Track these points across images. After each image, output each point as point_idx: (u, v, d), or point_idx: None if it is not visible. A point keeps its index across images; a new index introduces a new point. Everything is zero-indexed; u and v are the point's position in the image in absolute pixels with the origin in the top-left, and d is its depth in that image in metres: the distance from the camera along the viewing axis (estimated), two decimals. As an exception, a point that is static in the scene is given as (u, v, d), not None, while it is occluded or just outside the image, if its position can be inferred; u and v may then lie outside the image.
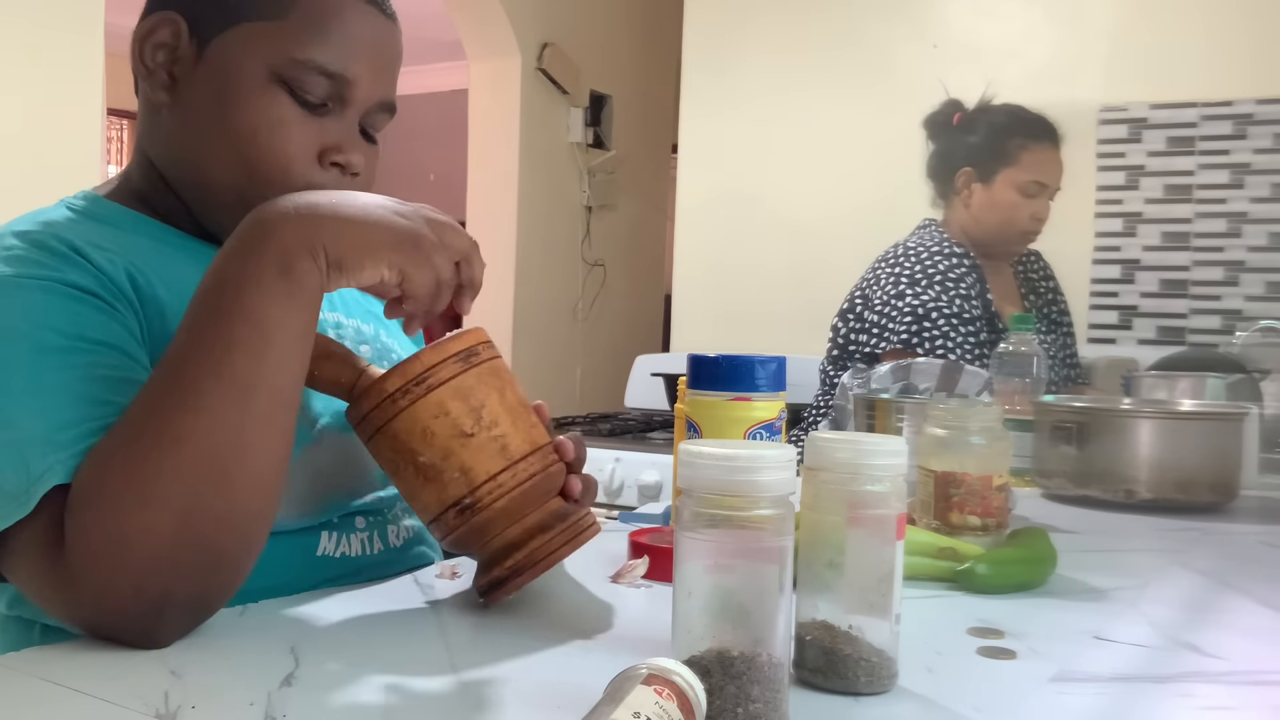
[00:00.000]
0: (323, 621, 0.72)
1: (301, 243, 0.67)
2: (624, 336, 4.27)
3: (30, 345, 0.68)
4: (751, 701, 0.53)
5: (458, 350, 0.72)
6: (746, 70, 3.44)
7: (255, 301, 0.65)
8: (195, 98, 0.82)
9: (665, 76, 4.14)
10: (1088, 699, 0.62)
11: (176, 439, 0.63)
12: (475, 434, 0.70)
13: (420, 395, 0.70)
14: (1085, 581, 0.91)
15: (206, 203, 0.84)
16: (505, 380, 0.74)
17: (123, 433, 0.64)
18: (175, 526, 0.62)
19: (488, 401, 0.72)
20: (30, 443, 0.65)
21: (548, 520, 0.74)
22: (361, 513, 0.87)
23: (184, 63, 0.82)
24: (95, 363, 0.69)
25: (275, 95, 0.80)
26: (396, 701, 0.57)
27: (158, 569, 0.62)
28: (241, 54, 0.80)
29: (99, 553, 0.61)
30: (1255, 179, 2.83)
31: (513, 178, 3.84)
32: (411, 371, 0.70)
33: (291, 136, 0.80)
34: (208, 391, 0.64)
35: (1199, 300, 2.89)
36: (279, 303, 0.66)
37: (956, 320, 1.88)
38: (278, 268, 0.66)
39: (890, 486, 0.60)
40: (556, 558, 0.73)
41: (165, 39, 0.82)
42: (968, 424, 0.96)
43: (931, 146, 2.14)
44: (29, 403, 0.66)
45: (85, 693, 0.56)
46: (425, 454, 0.70)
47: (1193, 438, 1.35)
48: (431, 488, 0.71)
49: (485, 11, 3.72)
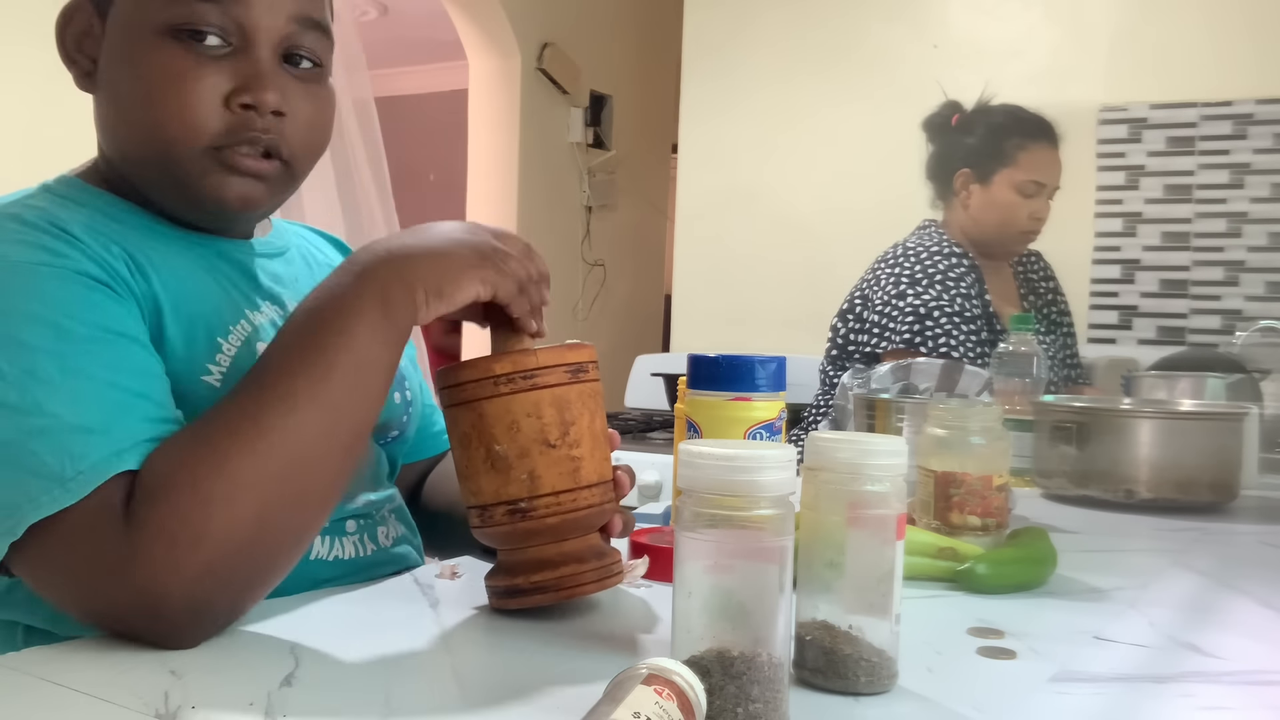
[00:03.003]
0: (323, 621, 0.72)
1: (401, 281, 0.69)
2: (624, 336, 4.27)
3: (54, 332, 0.66)
4: (751, 701, 0.53)
5: (573, 361, 0.72)
6: (746, 70, 3.44)
7: (360, 335, 0.68)
8: (108, 76, 0.78)
9: (665, 76, 4.14)
10: (1088, 699, 0.62)
11: (269, 449, 0.64)
12: (557, 446, 0.71)
13: (522, 389, 0.70)
14: (1085, 581, 0.90)
15: (143, 180, 0.80)
16: (599, 405, 0.74)
17: (216, 430, 0.65)
18: (248, 536, 0.63)
19: (579, 420, 0.72)
20: (70, 430, 0.64)
21: (585, 553, 0.73)
22: (353, 516, 0.87)
23: (95, 43, 0.79)
24: (120, 353, 0.68)
25: (167, 48, 0.74)
26: (396, 702, 0.57)
27: (215, 573, 0.62)
28: (130, 15, 0.76)
29: (175, 540, 0.61)
30: (1255, 179, 2.83)
31: (513, 178, 3.84)
32: (523, 364, 0.71)
33: (189, 88, 0.74)
34: (303, 410, 0.66)
35: (1199, 300, 2.89)
36: (379, 341, 0.69)
37: (959, 319, 1.88)
38: (381, 308, 0.69)
39: (890, 486, 0.60)
40: (580, 592, 0.72)
41: (81, 25, 0.79)
42: (968, 424, 0.96)
43: (930, 148, 2.14)
44: (61, 389, 0.65)
45: (85, 693, 0.56)
46: (503, 445, 0.70)
47: (1193, 438, 1.35)
48: (495, 478, 0.71)
49: (485, 11, 3.72)
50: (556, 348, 0.72)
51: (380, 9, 5.10)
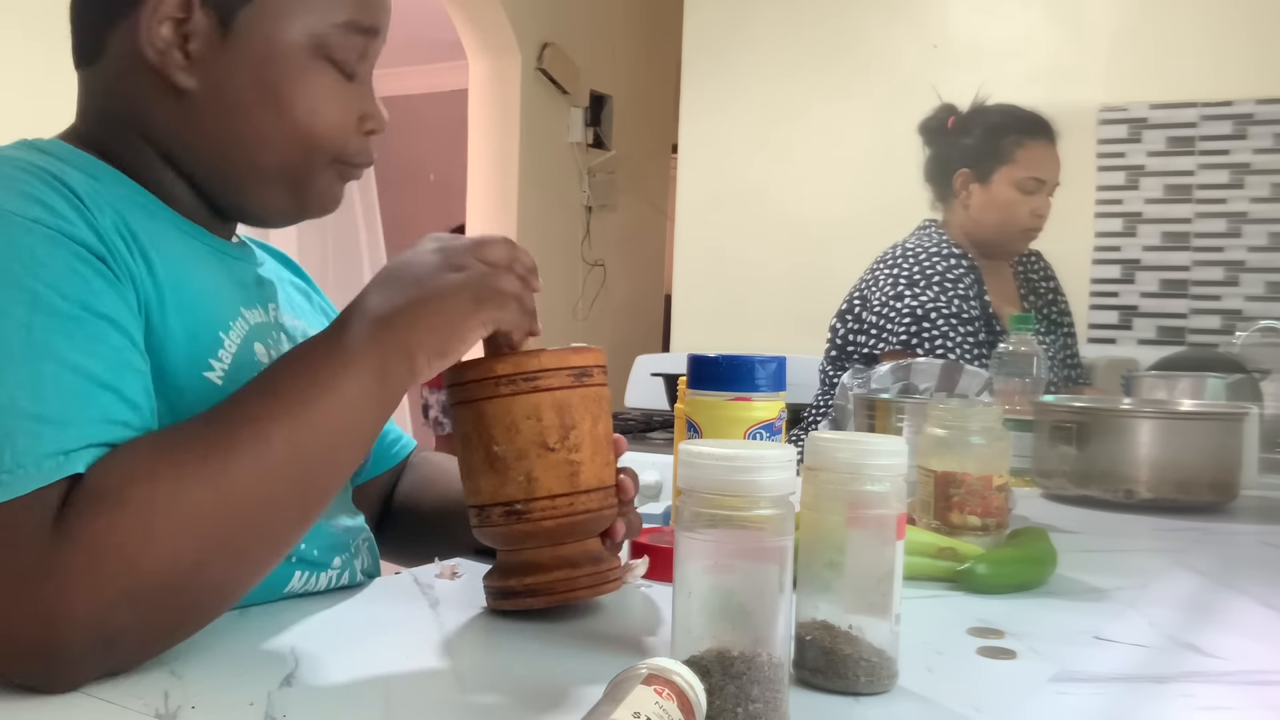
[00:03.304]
0: (323, 621, 0.72)
1: (401, 350, 0.67)
2: (624, 336, 4.26)
3: (30, 300, 0.61)
4: (751, 701, 0.53)
5: (575, 365, 0.72)
6: (746, 70, 3.44)
7: (349, 394, 0.65)
8: (231, 78, 0.75)
9: (665, 76, 4.14)
10: (1088, 699, 0.62)
11: (231, 489, 0.60)
12: (555, 450, 0.70)
13: (522, 391, 0.70)
14: (1085, 581, 0.90)
15: (248, 184, 0.79)
16: (603, 410, 0.74)
17: (181, 455, 0.60)
18: (186, 573, 0.59)
19: (580, 424, 0.71)
20: (21, 415, 0.58)
21: (581, 558, 0.73)
22: (331, 548, 0.82)
23: (202, 39, 0.74)
24: (98, 338, 0.63)
25: (320, 69, 0.77)
26: (396, 701, 0.57)
27: (137, 604, 0.57)
28: (278, 27, 0.75)
29: (102, 560, 0.56)
30: (1255, 179, 2.83)
31: (513, 178, 3.84)
32: (524, 366, 0.70)
33: (338, 110, 0.78)
34: (278, 457, 0.62)
35: (1199, 300, 2.89)
36: (372, 404, 0.67)
37: (956, 320, 1.88)
38: (378, 373, 0.67)
39: (890, 486, 0.60)
40: (574, 597, 0.72)
41: (171, 12, 0.73)
42: (968, 424, 0.96)
43: (927, 151, 2.14)
44: (23, 367, 0.59)
45: (85, 692, 0.56)
46: (501, 446, 0.70)
47: (1193, 438, 1.35)
48: (492, 478, 0.71)
49: (485, 11, 3.72)
50: (561, 351, 0.72)
51: (380, 9, 5.10)
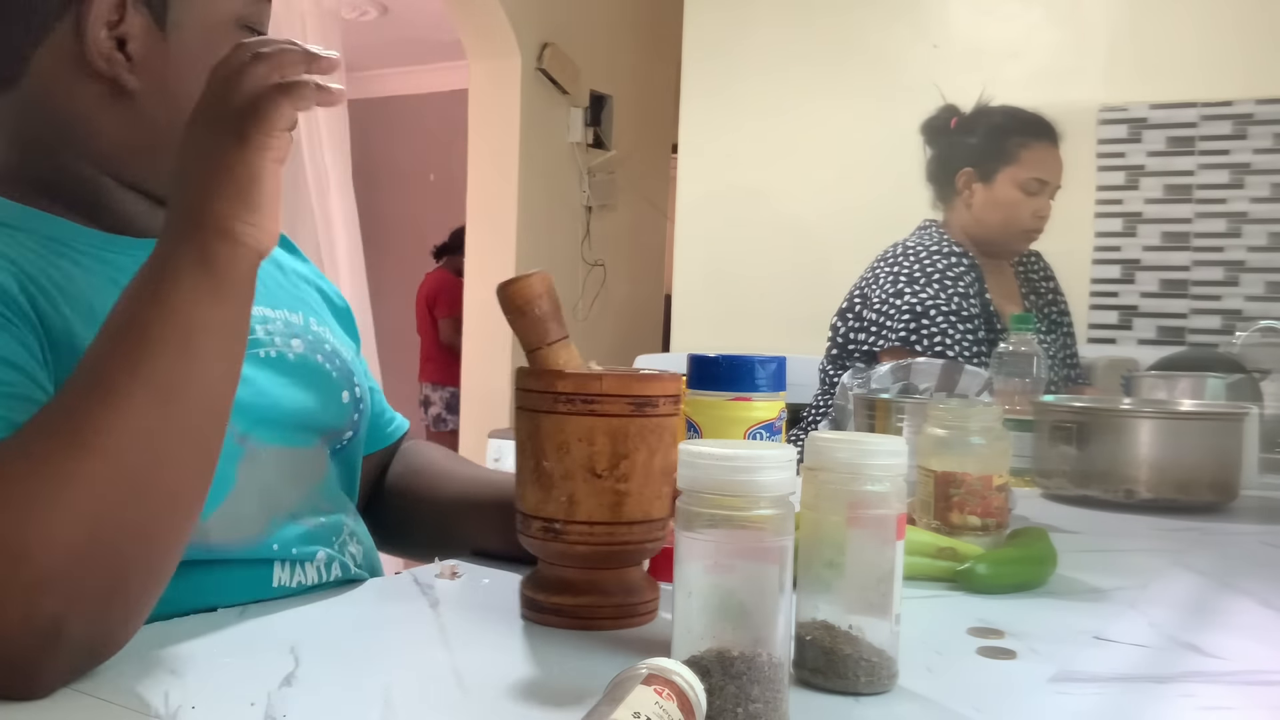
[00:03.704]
0: (323, 621, 0.72)
1: (208, 227, 0.60)
2: (624, 336, 4.26)
3: None
4: (751, 701, 0.53)
5: (638, 394, 0.69)
6: (747, 71, 3.44)
7: (176, 300, 0.60)
8: (177, 70, 0.74)
9: (665, 76, 4.14)
10: (1088, 699, 0.62)
11: (88, 444, 0.56)
12: (602, 478, 0.69)
13: (579, 413, 0.69)
14: (1085, 581, 0.90)
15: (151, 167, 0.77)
16: (665, 442, 0.71)
17: (30, 435, 0.57)
18: (80, 538, 0.55)
19: (633, 455, 0.69)
20: None
21: (614, 586, 0.72)
22: (308, 540, 0.81)
23: (139, 39, 0.74)
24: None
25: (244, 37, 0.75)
26: (396, 701, 0.57)
27: (54, 587, 0.54)
28: (209, 10, 0.75)
29: (3, 557, 0.53)
30: (1255, 179, 2.83)
31: (513, 178, 3.84)
32: (586, 387, 0.69)
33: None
34: (124, 394, 0.58)
35: (1199, 300, 2.89)
36: (203, 301, 0.60)
37: (955, 318, 1.88)
38: (197, 261, 0.60)
39: (890, 486, 0.60)
40: (594, 626, 0.71)
41: (106, 15, 0.72)
42: (968, 424, 0.96)
43: (929, 151, 2.14)
44: None
45: (85, 693, 0.56)
46: (550, 462, 0.69)
47: (1193, 438, 1.35)
48: (537, 491, 0.70)
49: (485, 11, 3.72)
50: (625, 376, 0.70)
51: (380, 9, 5.11)
